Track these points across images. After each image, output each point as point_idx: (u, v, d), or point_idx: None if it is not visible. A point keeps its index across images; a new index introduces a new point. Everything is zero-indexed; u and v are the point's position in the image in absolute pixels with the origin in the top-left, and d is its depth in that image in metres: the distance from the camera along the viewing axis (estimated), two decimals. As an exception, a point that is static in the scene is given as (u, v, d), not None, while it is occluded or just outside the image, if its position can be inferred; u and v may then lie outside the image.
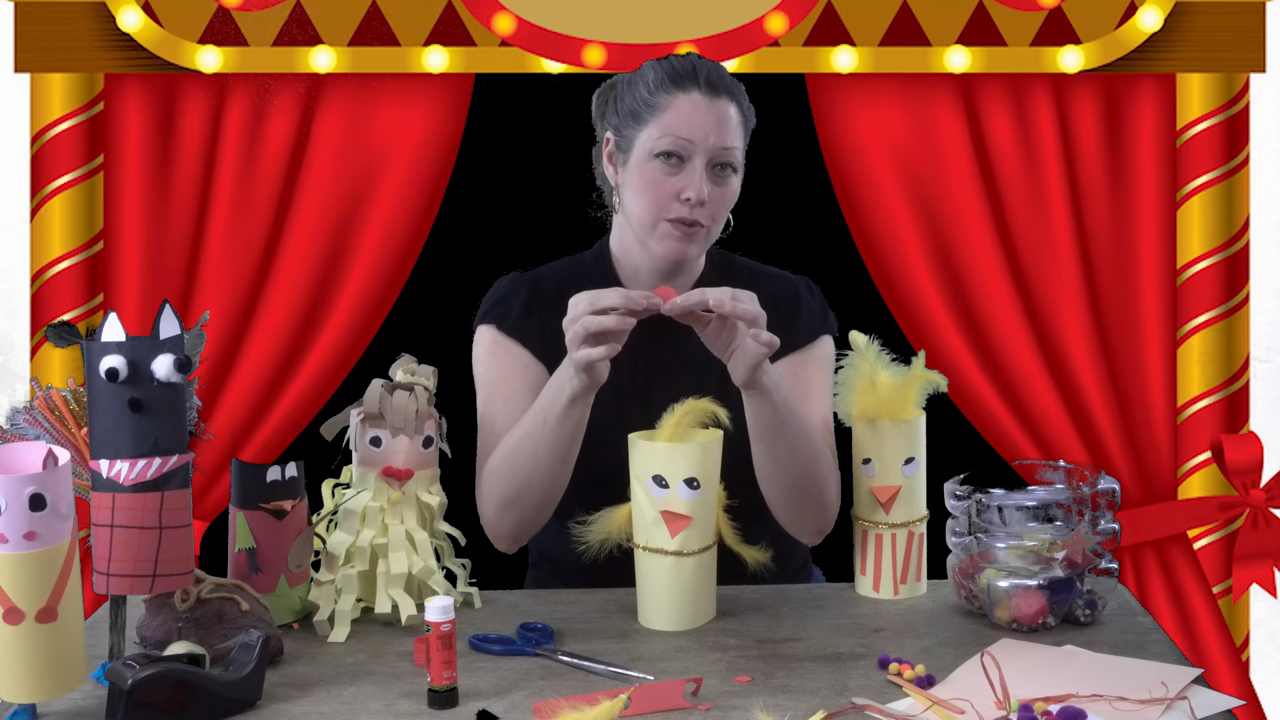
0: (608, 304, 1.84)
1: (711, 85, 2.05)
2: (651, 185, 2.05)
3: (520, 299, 2.16)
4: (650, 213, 2.06)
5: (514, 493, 2.01)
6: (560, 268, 2.21)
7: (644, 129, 2.06)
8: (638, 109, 2.07)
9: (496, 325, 2.15)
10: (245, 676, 1.65)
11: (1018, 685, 1.66)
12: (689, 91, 2.05)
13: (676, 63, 2.08)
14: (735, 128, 2.06)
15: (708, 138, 2.03)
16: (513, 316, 2.14)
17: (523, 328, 2.13)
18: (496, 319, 2.15)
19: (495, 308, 2.17)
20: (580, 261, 2.21)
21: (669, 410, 1.90)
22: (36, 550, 1.55)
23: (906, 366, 2.03)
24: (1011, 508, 1.94)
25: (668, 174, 2.04)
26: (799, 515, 2.05)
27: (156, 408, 1.65)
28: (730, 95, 2.07)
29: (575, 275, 2.18)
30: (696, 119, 2.03)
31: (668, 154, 2.04)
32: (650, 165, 2.05)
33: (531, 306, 2.15)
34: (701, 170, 2.03)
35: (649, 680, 1.71)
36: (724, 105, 2.05)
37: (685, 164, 2.04)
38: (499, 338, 2.14)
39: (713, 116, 2.04)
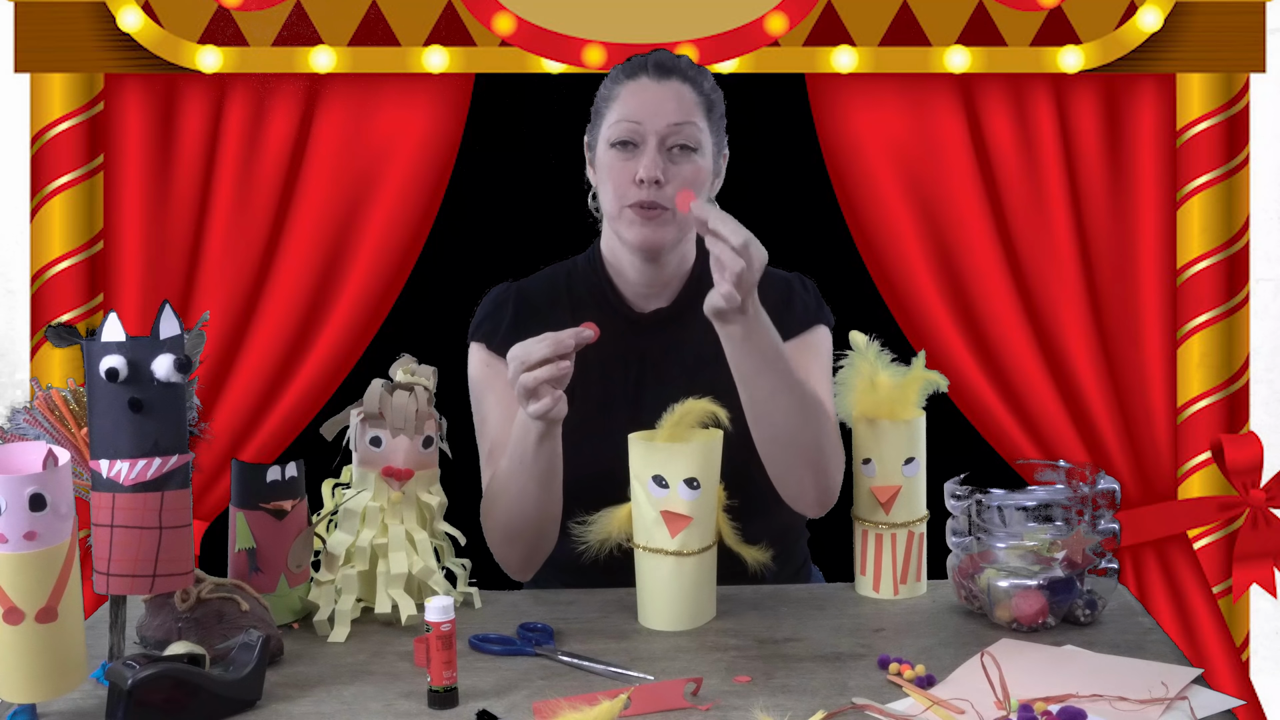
0: (538, 358, 1.85)
1: (661, 67, 2.08)
2: (611, 174, 2.08)
3: (508, 313, 2.16)
4: (614, 201, 2.08)
5: (512, 529, 2.03)
6: (553, 274, 2.21)
7: (603, 123, 2.10)
8: (599, 105, 2.13)
9: (486, 344, 2.15)
10: (245, 676, 1.65)
11: (1018, 685, 1.66)
12: (637, 78, 2.08)
13: (634, 57, 2.12)
14: (690, 106, 2.07)
15: (655, 117, 2.05)
16: (501, 332, 2.14)
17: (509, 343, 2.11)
18: (485, 336, 2.16)
19: (484, 323, 2.17)
20: (573, 266, 2.21)
21: (669, 410, 1.90)
22: (36, 550, 1.55)
23: (906, 366, 2.03)
24: (1011, 508, 1.94)
25: (624, 160, 2.06)
26: (798, 478, 2.01)
27: (156, 408, 1.65)
28: (683, 76, 2.08)
29: (568, 281, 2.19)
30: (644, 100, 2.06)
31: (623, 142, 2.06)
32: (609, 154, 2.08)
33: (519, 320, 2.14)
34: (654, 151, 2.04)
35: (649, 680, 1.71)
36: (674, 85, 2.07)
37: (640, 148, 2.06)
38: (489, 358, 2.14)
39: (661, 96, 2.06)
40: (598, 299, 2.16)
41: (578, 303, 2.16)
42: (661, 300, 2.16)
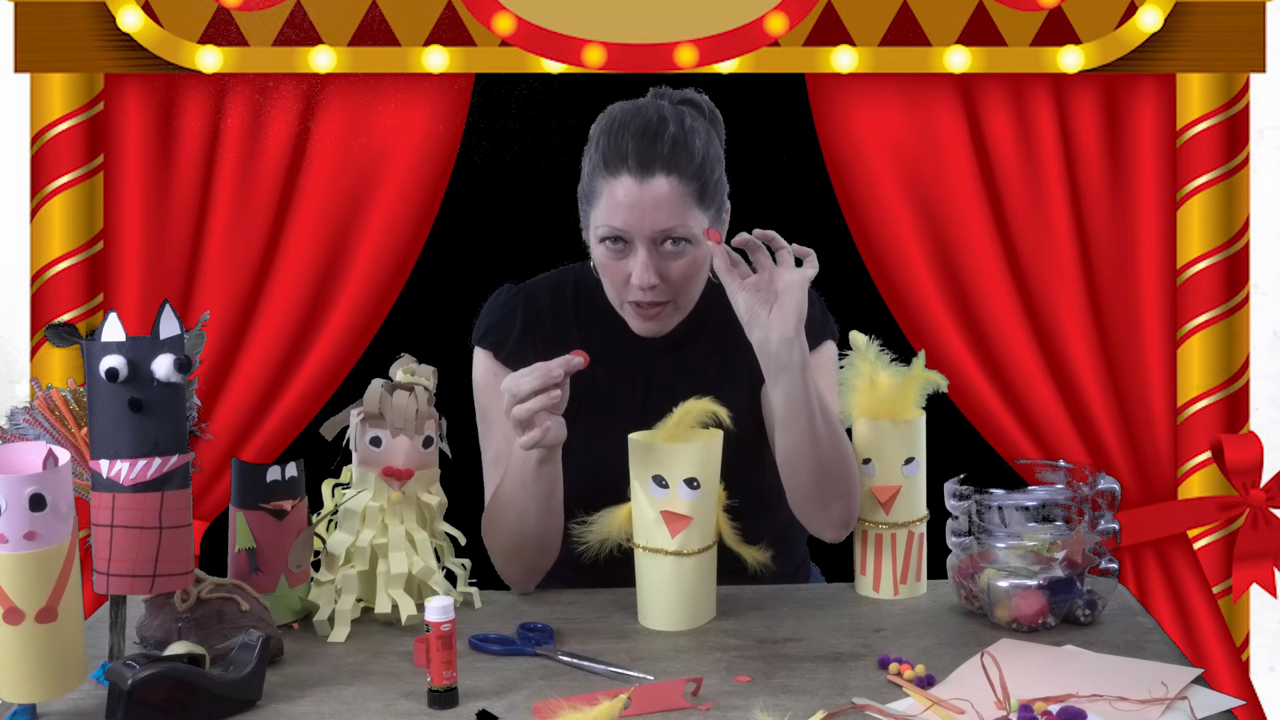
0: (529, 390, 1.85)
1: (642, 163, 1.97)
2: (606, 269, 2.05)
3: (517, 321, 2.15)
4: (612, 293, 2.07)
5: (514, 547, 2.03)
6: (559, 282, 2.20)
7: (592, 211, 2.04)
8: (586, 192, 2.05)
9: (494, 353, 2.14)
10: (245, 676, 1.65)
11: (1018, 685, 1.66)
12: (619, 175, 1.98)
13: (613, 138, 2.00)
14: (676, 204, 1.98)
15: (642, 224, 1.98)
16: (509, 343, 2.14)
17: (519, 354, 2.11)
18: (493, 345, 2.15)
19: (492, 331, 2.16)
20: (582, 278, 2.19)
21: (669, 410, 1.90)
22: (36, 550, 1.55)
23: (906, 366, 2.04)
24: (1011, 508, 1.94)
25: (616, 258, 2.02)
26: (825, 505, 1.99)
27: (156, 408, 1.65)
28: (666, 167, 1.97)
29: (575, 293, 2.17)
30: (627, 206, 1.98)
31: (611, 239, 2.01)
32: (600, 248, 2.04)
33: (527, 330, 2.14)
34: (645, 256, 1.99)
35: (649, 680, 1.71)
36: (656, 184, 1.97)
37: (629, 247, 2.01)
38: (495, 366, 2.13)
39: (644, 200, 1.97)
40: (606, 319, 2.14)
41: (585, 318, 2.15)
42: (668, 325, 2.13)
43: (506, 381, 1.88)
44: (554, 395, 1.86)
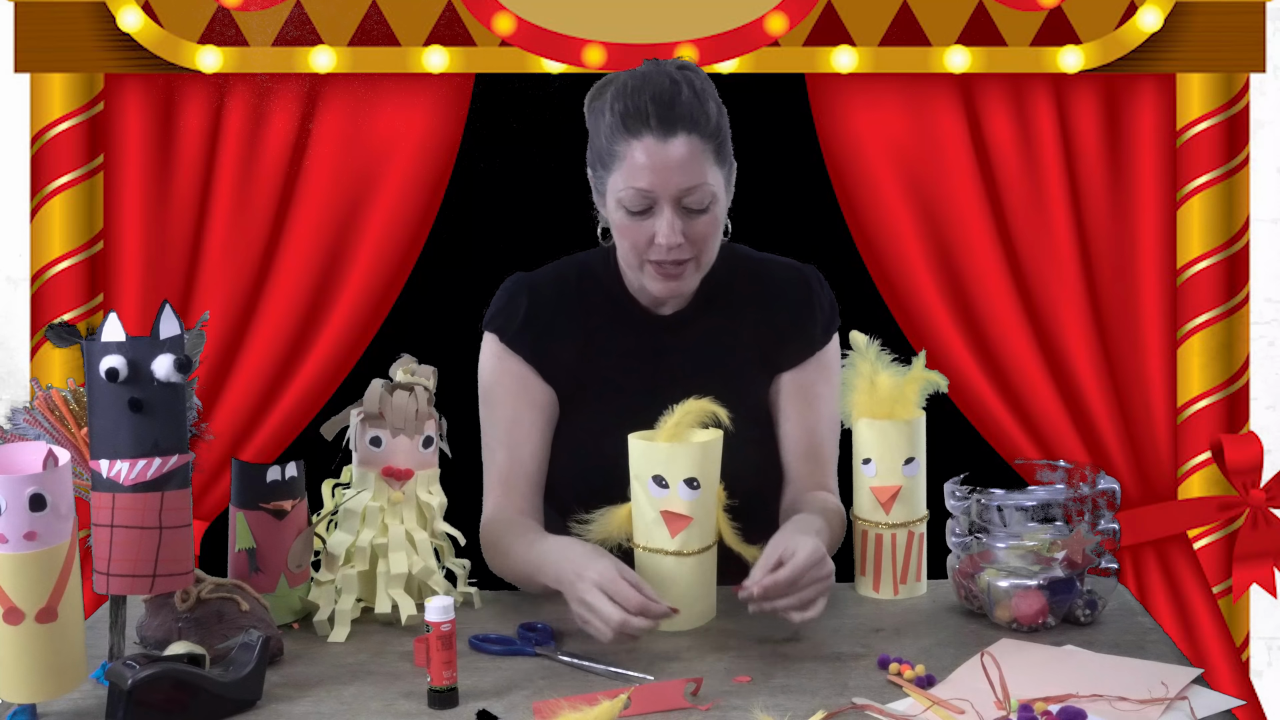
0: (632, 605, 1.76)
1: (664, 122, 1.95)
2: (626, 232, 2.01)
3: (520, 307, 2.12)
4: (631, 256, 2.03)
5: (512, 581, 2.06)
6: (564, 269, 2.17)
7: (610, 175, 2.00)
8: (602, 154, 2.02)
9: (499, 336, 2.12)
10: (245, 676, 1.65)
11: (1018, 685, 1.66)
12: (641, 136, 1.96)
13: (629, 101, 1.97)
14: (699, 163, 1.96)
15: (667, 183, 1.95)
16: (514, 327, 2.11)
17: (523, 339, 2.10)
18: (499, 329, 2.12)
19: (498, 315, 2.14)
20: (585, 265, 2.16)
21: (669, 410, 1.90)
22: (36, 550, 1.55)
23: (906, 366, 2.03)
24: (1011, 508, 1.94)
25: (638, 220, 1.99)
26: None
27: (156, 408, 1.65)
28: (687, 126, 1.96)
29: (579, 281, 2.14)
30: (652, 167, 1.95)
31: (636, 200, 1.98)
32: (620, 214, 2.00)
33: (532, 315, 2.11)
34: (670, 214, 1.97)
35: (649, 680, 1.71)
36: (679, 143, 1.95)
37: (653, 209, 1.98)
38: (501, 351, 2.11)
39: (669, 159, 1.95)
40: (613, 301, 2.12)
41: (591, 304, 2.12)
42: (679, 303, 2.13)
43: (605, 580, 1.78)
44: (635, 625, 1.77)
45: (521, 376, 2.09)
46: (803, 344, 2.11)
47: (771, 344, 2.11)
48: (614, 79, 2.06)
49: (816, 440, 2.11)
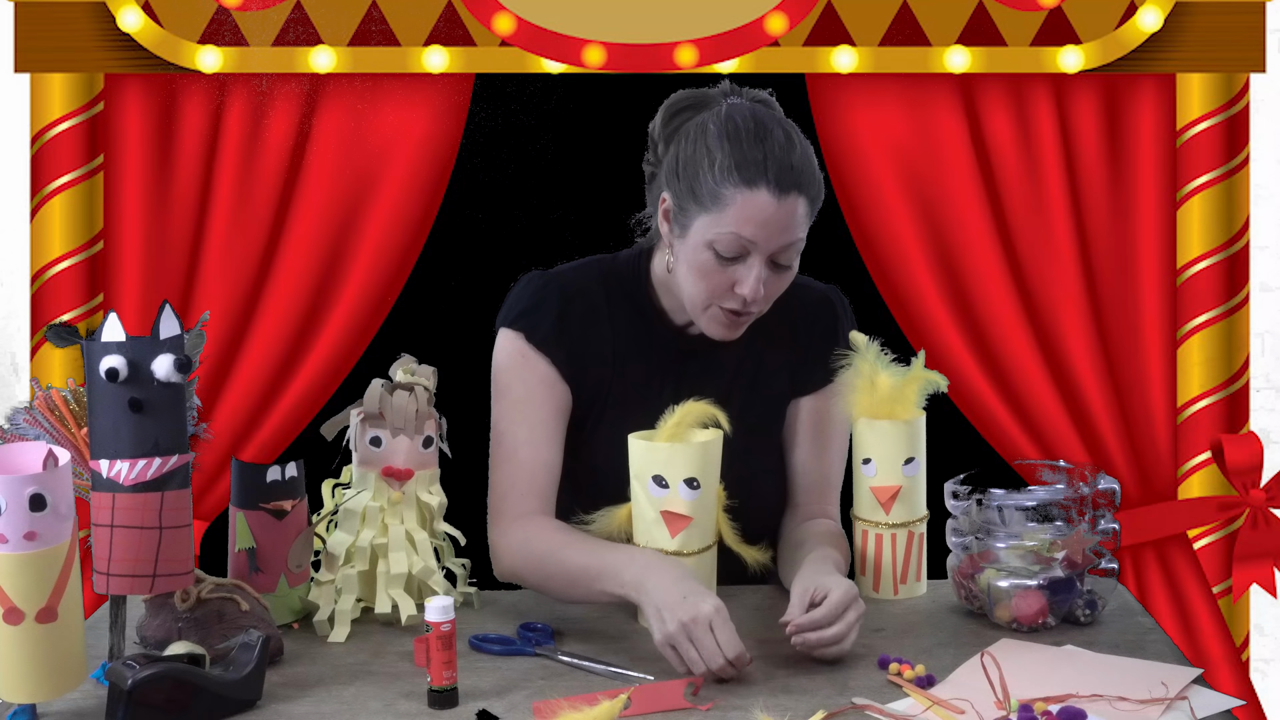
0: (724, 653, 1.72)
1: (782, 182, 1.90)
2: (706, 274, 1.93)
3: (551, 309, 2.04)
4: (702, 298, 1.96)
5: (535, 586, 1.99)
6: (588, 274, 2.10)
7: (704, 214, 1.91)
8: (699, 190, 1.92)
9: (526, 336, 2.04)
10: (245, 676, 1.65)
11: (1018, 685, 1.66)
12: (756, 189, 1.89)
13: (748, 149, 1.90)
14: (801, 222, 1.93)
15: (770, 240, 1.90)
16: (544, 329, 2.04)
17: (553, 343, 2.04)
18: (526, 329, 2.04)
19: (525, 315, 2.05)
20: (613, 273, 2.09)
21: (669, 410, 1.90)
22: (36, 550, 1.55)
23: (906, 366, 2.03)
24: (1011, 508, 1.94)
25: (724, 266, 1.92)
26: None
27: (156, 408, 1.65)
28: (800, 188, 1.91)
29: (604, 285, 2.08)
30: (762, 222, 1.89)
31: (730, 247, 1.91)
32: (707, 255, 1.92)
33: (563, 319, 2.04)
34: (760, 268, 1.91)
35: (649, 680, 1.71)
36: (791, 201, 1.90)
37: (743, 259, 1.92)
38: (526, 350, 2.04)
39: (779, 216, 1.90)
40: (641, 314, 2.07)
41: (618, 316, 2.07)
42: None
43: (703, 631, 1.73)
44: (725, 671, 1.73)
45: (549, 379, 2.03)
46: (826, 371, 2.07)
47: (795, 369, 2.09)
48: (704, 101, 2.01)
49: (826, 468, 2.10)
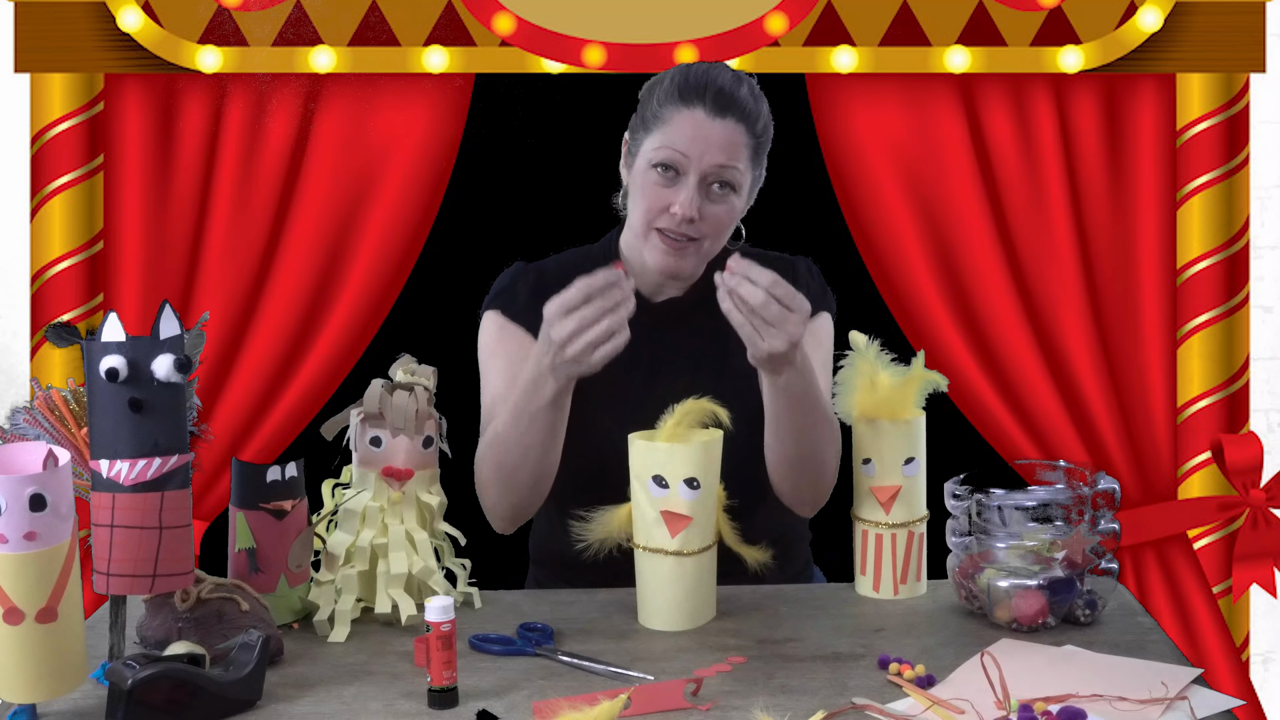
0: (575, 301, 1.84)
1: (719, 104, 2.03)
2: (647, 193, 2.06)
3: (526, 285, 2.17)
4: (643, 220, 2.07)
5: (507, 481, 2.03)
6: (566, 259, 2.21)
7: (649, 137, 2.06)
8: (647, 117, 2.08)
9: (502, 310, 2.16)
10: (245, 676, 1.65)
11: (1018, 685, 1.66)
12: (693, 107, 2.03)
13: (692, 76, 2.05)
14: (738, 148, 2.04)
15: (703, 156, 2.02)
16: (518, 303, 2.16)
17: (528, 314, 2.12)
18: (502, 305, 2.17)
19: (501, 294, 2.18)
20: (587, 254, 2.21)
21: (669, 410, 1.90)
22: (36, 550, 1.55)
23: (906, 366, 2.03)
24: (1011, 508, 1.94)
25: (662, 185, 2.04)
26: (795, 488, 2.08)
27: (156, 408, 1.65)
28: (739, 116, 2.04)
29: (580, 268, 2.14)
30: (694, 136, 2.02)
31: (664, 165, 2.04)
32: (649, 174, 2.05)
33: (536, 293, 2.12)
34: (694, 186, 2.03)
35: (649, 680, 1.71)
36: (727, 125, 2.03)
37: (680, 178, 2.04)
38: (504, 323, 2.16)
39: (713, 135, 2.02)
40: None
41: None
42: (675, 290, 2.16)
43: (549, 305, 1.86)
44: (624, 314, 1.84)
45: (523, 344, 2.12)
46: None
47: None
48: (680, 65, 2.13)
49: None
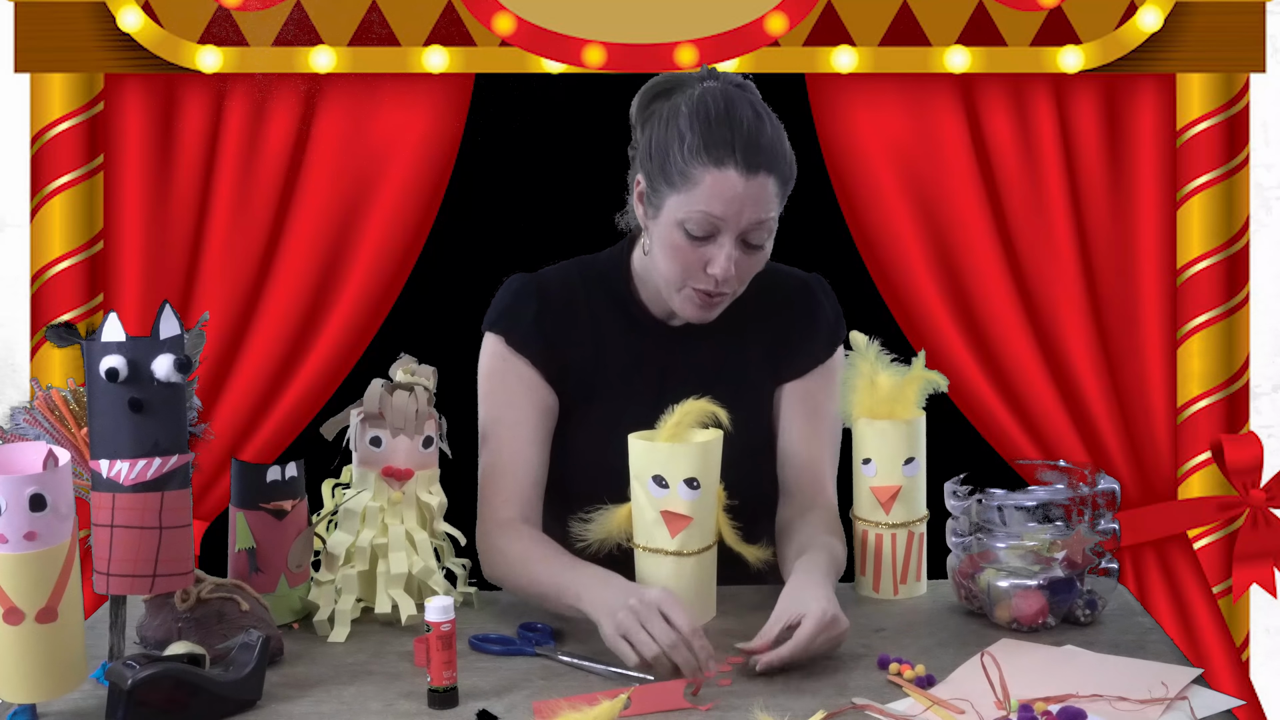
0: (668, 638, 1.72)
1: (749, 158, 1.92)
2: (678, 253, 1.95)
3: (529, 309, 2.08)
4: (675, 278, 1.98)
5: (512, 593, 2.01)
6: (569, 272, 2.13)
7: (674, 194, 1.94)
8: (669, 170, 1.94)
9: (505, 338, 2.08)
10: (245, 676, 1.65)
11: (1018, 685, 1.66)
12: (724, 167, 1.91)
13: (716, 129, 1.93)
14: (771, 199, 1.94)
15: (740, 215, 1.92)
16: (521, 328, 2.07)
17: (530, 342, 2.06)
18: (504, 330, 2.08)
19: (503, 318, 2.09)
20: (593, 269, 2.12)
21: (669, 410, 1.90)
22: (36, 550, 1.55)
23: (906, 366, 2.03)
24: (1011, 508, 1.94)
25: (695, 245, 1.94)
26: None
27: (156, 408, 1.65)
28: (769, 167, 1.93)
29: (584, 281, 2.11)
30: (729, 199, 1.91)
31: (699, 226, 1.93)
32: (678, 235, 1.94)
33: (540, 316, 2.07)
34: (730, 246, 1.93)
35: (649, 680, 1.71)
36: (760, 180, 1.92)
37: (714, 238, 1.94)
38: (506, 353, 2.07)
39: (747, 194, 1.92)
40: (621, 306, 2.09)
41: (598, 309, 2.09)
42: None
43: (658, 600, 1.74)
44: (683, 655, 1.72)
45: (528, 379, 2.06)
46: (807, 355, 2.10)
47: (777, 355, 2.10)
48: (678, 84, 2.02)
49: (816, 453, 2.09)
